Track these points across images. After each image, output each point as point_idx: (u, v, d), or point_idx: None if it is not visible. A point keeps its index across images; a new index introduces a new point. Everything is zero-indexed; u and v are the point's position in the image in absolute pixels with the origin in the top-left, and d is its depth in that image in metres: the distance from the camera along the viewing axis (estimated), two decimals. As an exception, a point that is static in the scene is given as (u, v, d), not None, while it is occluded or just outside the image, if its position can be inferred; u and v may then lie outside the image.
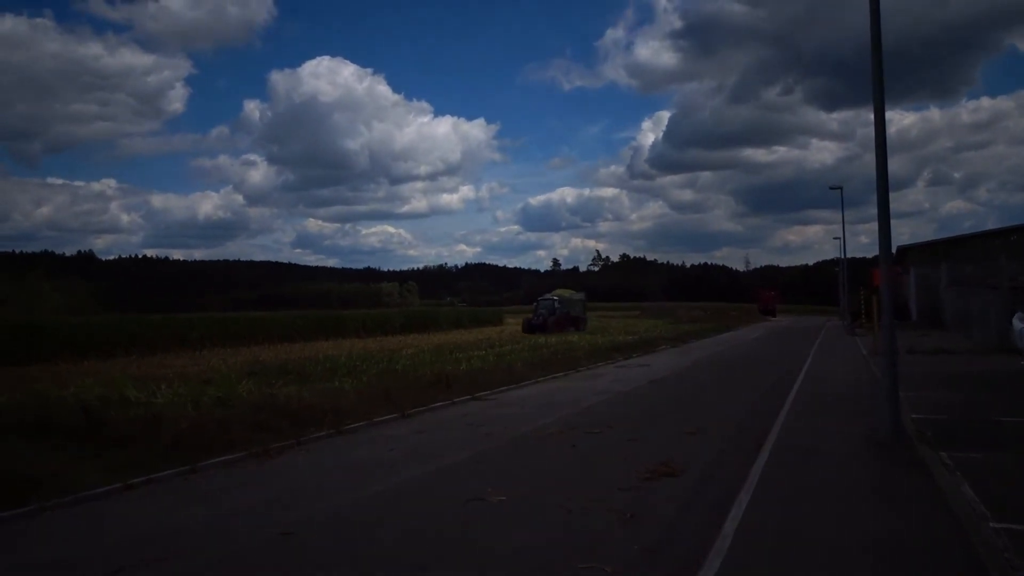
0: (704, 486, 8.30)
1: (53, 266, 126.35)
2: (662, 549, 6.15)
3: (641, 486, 8.22)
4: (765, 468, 8.95)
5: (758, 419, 12.79)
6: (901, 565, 5.74)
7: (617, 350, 29.40)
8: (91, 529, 7.20)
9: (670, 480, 8.48)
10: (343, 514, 7.51)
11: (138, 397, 12.37)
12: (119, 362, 25.47)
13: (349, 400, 13.93)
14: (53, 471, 8.56)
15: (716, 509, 7.16)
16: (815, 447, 10.35)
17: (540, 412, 14.21)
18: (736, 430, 11.99)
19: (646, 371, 22.53)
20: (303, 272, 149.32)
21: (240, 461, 9.97)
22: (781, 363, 24.91)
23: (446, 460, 9.98)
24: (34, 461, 8.84)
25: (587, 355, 26.37)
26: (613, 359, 26.79)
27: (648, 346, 33.03)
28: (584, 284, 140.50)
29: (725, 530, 6.45)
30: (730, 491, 7.81)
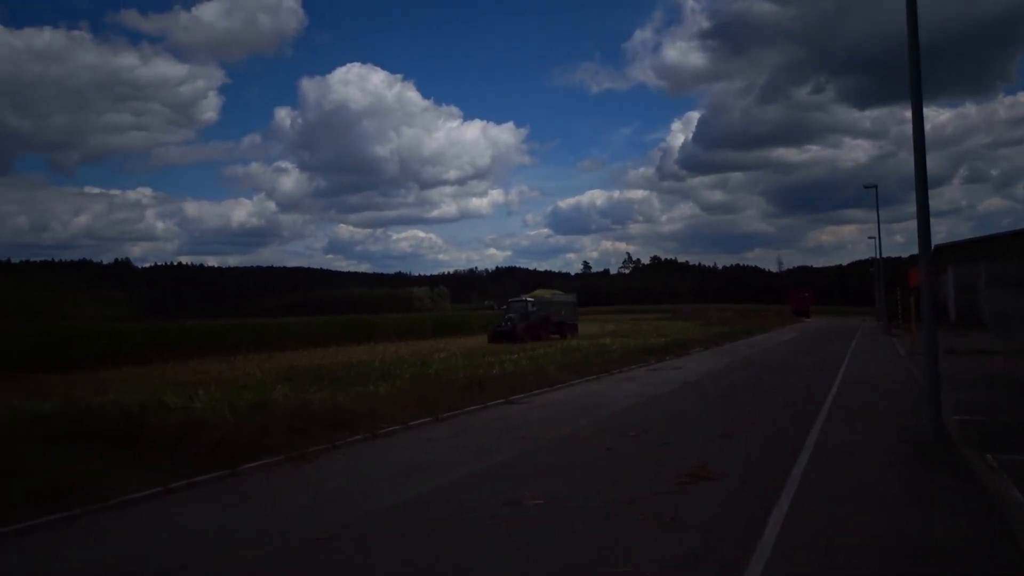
0: (743, 490, 8.18)
1: (91, 274, 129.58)
2: (702, 554, 6.06)
3: (679, 490, 8.12)
4: (805, 471, 8.80)
5: (796, 421, 12.60)
6: (947, 570, 5.61)
7: (650, 353, 29.20)
8: (133, 534, 7.28)
9: (708, 484, 8.37)
10: (380, 518, 7.52)
11: (176, 403, 12.51)
12: (156, 368, 25.85)
13: (383, 404, 13.97)
14: (95, 477, 8.68)
15: (757, 513, 7.04)
16: (856, 449, 10.17)
17: (574, 415, 14.15)
18: (774, 432, 11.83)
19: (680, 374, 22.34)
20: (335, 277, 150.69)
21: (277, 465, 10.04)
22: (817, 364, 24.57)
23: (481, 464, 9.96)
24: (77, 467, 8.96)
25: (620, 358, 26.23)
26: (646, 362, 26.60)
27: (681, 348, 32.75)
28: (615, 287, 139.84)
29: (767, 535, 6.34)
30: (770, 495, 7.68)
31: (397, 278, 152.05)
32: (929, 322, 10.75)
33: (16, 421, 11.48)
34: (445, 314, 72.11)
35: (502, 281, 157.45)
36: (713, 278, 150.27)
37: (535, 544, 6.47)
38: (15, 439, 10.29)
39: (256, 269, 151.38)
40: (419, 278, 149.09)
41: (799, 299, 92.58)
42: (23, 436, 10.43)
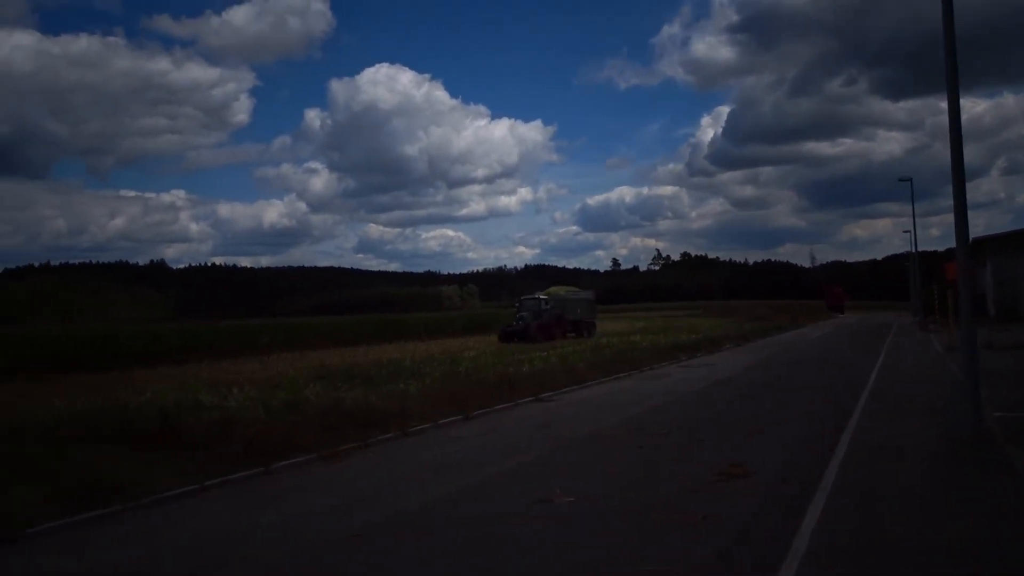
0: (777, 488, 8.08)
1: (127, 275, 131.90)
2: (736, 552, 6.01)
3: (711, 488, 8.06)
4: (841, 469, 8.67)
5: (831, 418, 12.43)
6: (988, 570, 5.49)
7: (680, 349, 28.99)
8: (170, 530, 7.40)
9: (741, 481, 8.28)
10: (411, 516, 7.55)
11: (211, 402, 12.67)
12: (191, 368, 26.22)
13: (414, 402, 14.03)
14: (133, 474, 8.83)
15: (791, 511, 6.94)
16: (893, 447, 10.01)
17: (604, 413, 14.09)
18: (808, 430, 11.68)
19: (711, 370, 22.16)
20: (365, 277, 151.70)
21: (310, 463, 10.14)
22: (852, 360, 24.23)
23: (511, 462, 9.96)
24: (117, 465, 9.14)
25: (650, 355, 26.06)
26: (676, 358, 26.43)
27: (712, 345, 32.48)
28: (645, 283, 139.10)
29: (802, 533, 6.25)
30: (805, 493, 7.57)
31: (426, 277, 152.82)
32: (967, 316, 10.53)
33: (58, 420, 11.75)
34: (474, 312, 72.25)
35: (531, 279, 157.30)
36: (744, 274, 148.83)
37: (566, 542, 6.45)
38: (58, 438, 10.53)
39: (288, 269, 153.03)
40: (448, 277, 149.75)
41: (832, 294, 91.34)
42: (65, 435, 10.67)
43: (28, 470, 9.10)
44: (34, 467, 9.23)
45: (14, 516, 7.41)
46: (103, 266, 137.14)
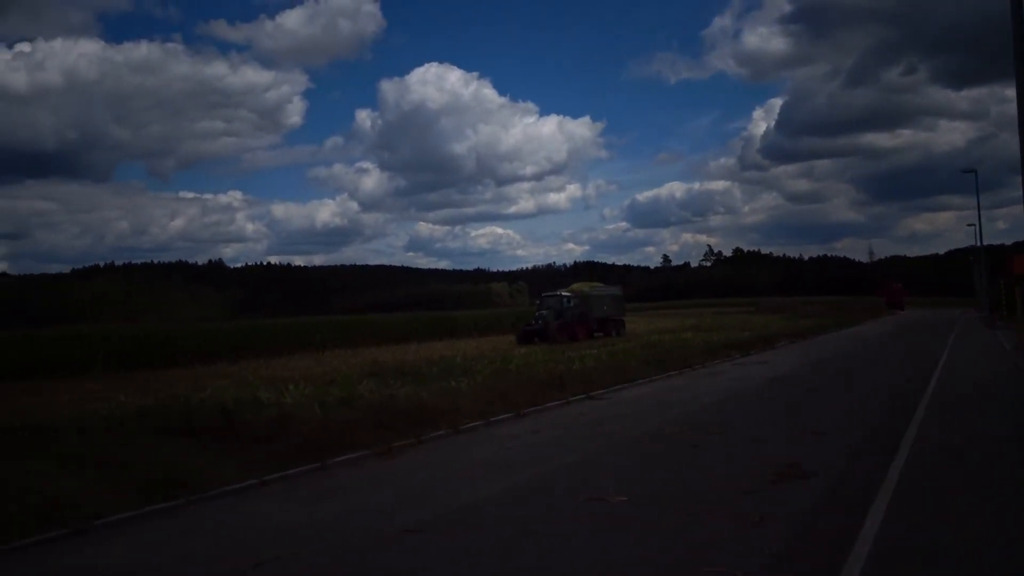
0: (837, 489, 7.92)
1: (187, 275, 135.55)
2: (795, 555, 5.90)
3: (768, 488, 7.93)
4: (903, 470, 8.45)
5: (892, 418, 12.13)
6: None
7: (734, 347, 28.58)
8: (231, 523, 7.60)
9: (799, 482, 8.14)
10: (464, 512, 7.61)
11: (269, 398, 12.95)
12: (249, 365, 26.82)
13: (465, 400, 14.13)
14: (196, 468, 9.09)
15: (852, 513, 6.79)
16: (958, 448, 9.71)
17: (657, 411, 13.99)
18: (868, 430, 11.41)
19: (766, 368, 21.80)
20: (416, 275, 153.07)
21: (364, 459, 10.28)
22: (913, 359, 23.58)
23: (563, 459, 9.96)
24: (180, 460, 9.43)
25: (702, 353, 25.76)
26: (730, 356, 26.06)
27: (766, 343, 31.95)
28: (696, 280, 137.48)
29: (863, 535, 6.11)
30: (866, 494, 7.40)
31: (476, 274, 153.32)
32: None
33: (125, 416, 12.16)
34: (524, 309, 72.19)
35: (580, 276, 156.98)
36: (799, 270, 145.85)
37: (620, 541, 6.43)
38: (125, 433, 10.91)
39: (340, 268, 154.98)
40: (498, 274, 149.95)
41: (892, 290, 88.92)
42: (132, 431, 11.05)
43: (97, 463, 9.44)
44: (102, 461, 9.57)
45: (84, 508, 7.70)
46: (164, 266, 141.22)
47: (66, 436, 11.22)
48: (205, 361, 27.75)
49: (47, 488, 8.35)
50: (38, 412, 14.42)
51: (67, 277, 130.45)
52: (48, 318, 72.49)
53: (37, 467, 9.33)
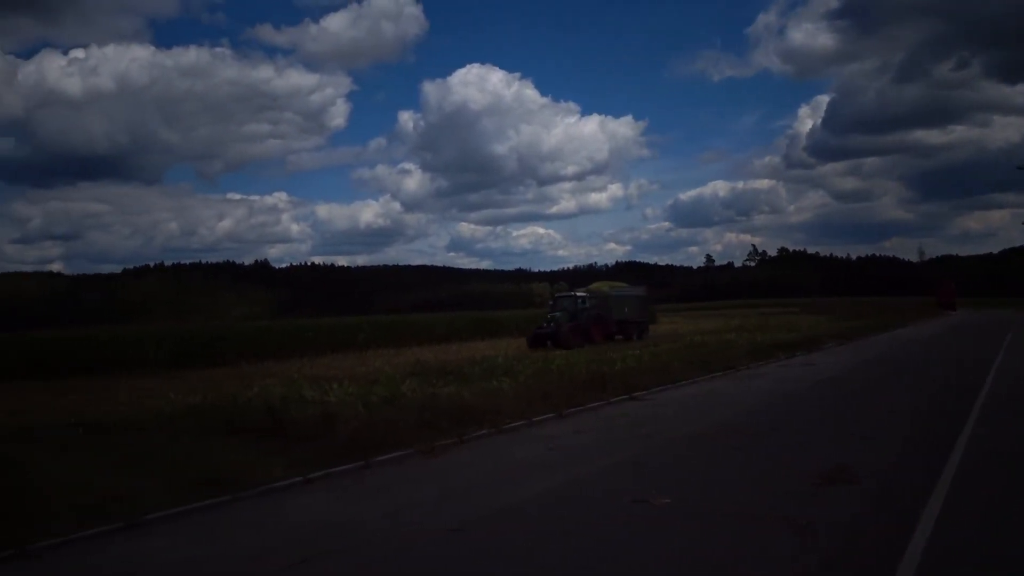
0: (887, 494, 7.76)
1: (234, 274, 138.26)
2: (843, 561, 5.80)
3: (814, 492, 7.80)
4: (956, 476, 8.23)
5: (944, 422, 11.83)
6: None
7: (779, 348, 28.14)
8: (278, 520, 7.72)
9: (847, 487, 7.98)
10: (508, 512, 7.63)
11: (314, 397, 13.17)
12: (294, 363, 27.25)
13: (507, 399, 14.16)
14: (244, 466, 9.27)
15: (902, 519, 6.64)
16: (1014, 453, 9.43)
17: (700, 413, 13.85)
18: (919, 434, 11.16)
19: (812, 370, 21.43)
20: (457, 275, 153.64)
21: (408, 458, 10.36)
22: (966, 361, 22.96)
23: (606, 461, 9.93)
24: (227, 456, 9.63)
25: (747, 354, 25.41)
26: (775, 358, 25.67)
27: (812, 344, 31.38)
28: (740, 280, 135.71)
29: (915, 542, 5.97)
30: (918, 500, 7.23)
31: (517, 274, 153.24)
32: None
33: (175, 414, 12.46)
34: (566, 309, 71.92)
35: (622, 276, 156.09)
36: (846, 269, 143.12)
37: (663, 544, 6.39)
38: (175, 430, 11.18)
39: (383, 268, 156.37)
40: (539, 274, 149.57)
41: (943, 290, 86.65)
42: (182, 428, 11.32)
43: (148, 459, 9.70)
44: (154, 457, 9.83)
45: (136, 503, 7.91)
46: (212, 266, 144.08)
47: (119, 433, 11.56)
48: (252, 360, 28.25)
49: (102, 483, 8.60)
50: (91, 409, 14.85)
51: (119, 277, 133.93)
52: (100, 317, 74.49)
53: (92, 462, 9.63)
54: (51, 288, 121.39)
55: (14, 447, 10.59)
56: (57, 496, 8.01)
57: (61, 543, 6.95)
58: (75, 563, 6.64)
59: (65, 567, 6.57)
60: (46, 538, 6.95)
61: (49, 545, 6.86)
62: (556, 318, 34.29)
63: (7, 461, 9.53)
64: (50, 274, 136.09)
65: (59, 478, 8.75)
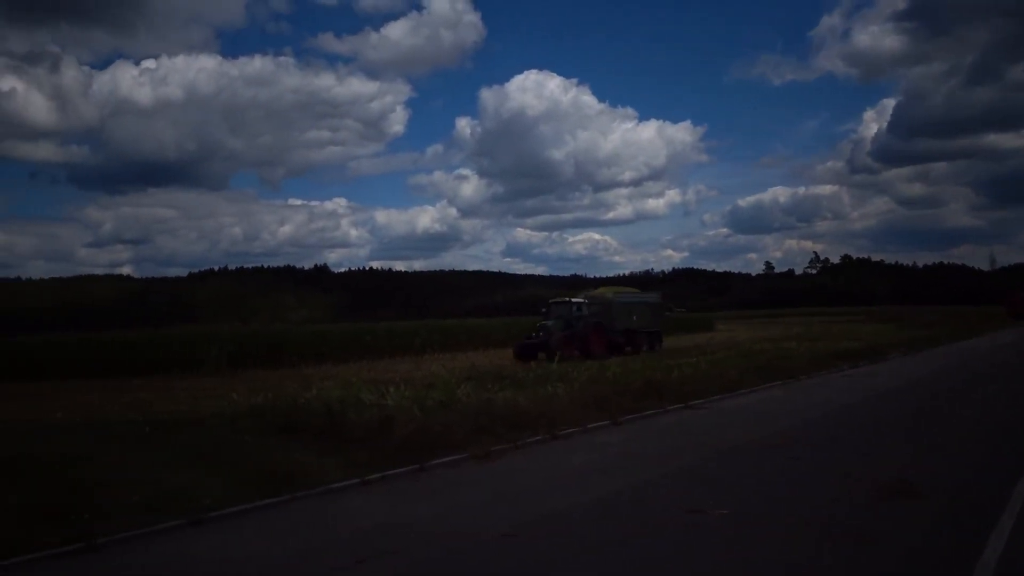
0: (953, 509, 7.50)
1: (295, 278, 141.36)
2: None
3: (876, 506, 7.58)
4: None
5: (1015, 437, 11.38)
6: None
7: (841, 358, 27.42)
8: (335, 520, 7.86)
9: (911, 501, 7.73)
10: (562, 518, 7.61)
11: (371, 399, 13.33)
12: (352, 366, 27.71)
13: (562, 406, 14.12)
14: (302, 465, 9.48)
15: (970, 536, 6.40)
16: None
17: (758, 423, 13.60)
18: (988, 448, 10.75)
19: (875, 381, 20.85)
20: (513, 280, 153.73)
21: (463, 462, 10.42)
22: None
23: (660, 469, 9.83)
24: (287, 456, 9.85)
25: (807, 363, 24.84)
26: (837, 367, 25.03)
27: (876, 354, 30.49)
28: (801, 287, 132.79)
29: (985, 561, 5.75)
30: (987, 516, 6.95)
31: (573, 280, 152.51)
32: None
33: (237, 413, 12.80)
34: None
35: (679, 282, 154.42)
36: (912, 278, 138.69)
37: (721, 557, 6.28)
38: (237, 430, 11.49)
39: (439, 273, 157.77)
40: (595, 280, 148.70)
41: (1016, 300, 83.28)
42: (243, 427, 11.62)
43: (211, 457, 9.99)
44: (215, 454, 10.13)
45: (198, 499, 8.15)
46: (273, 270, 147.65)
47: (183, 430, 11.94)
48: (311, 362, 28.82)
49: (166, 478, 8.91)
50: (157, 407, 15.38)
51: (184, 280, 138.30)
52: (167, 318, 76.96)
53: (158, 459, 9.98)
54: (121, 290, 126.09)
55: (86, 442, 11.04)
56: (124, 490, 8.32)
57: (126, 537, 7.19)
58: (139, 558, 6.86)
59: (129, 562, 6.79)
60: (112, 532, 7.21)
61: (115, 539, 7.11)
62: (548, 327, 30.53)
63: (79, 455, 9.95)
64: (120, 277, 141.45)
65: (126, 473, 9.10)
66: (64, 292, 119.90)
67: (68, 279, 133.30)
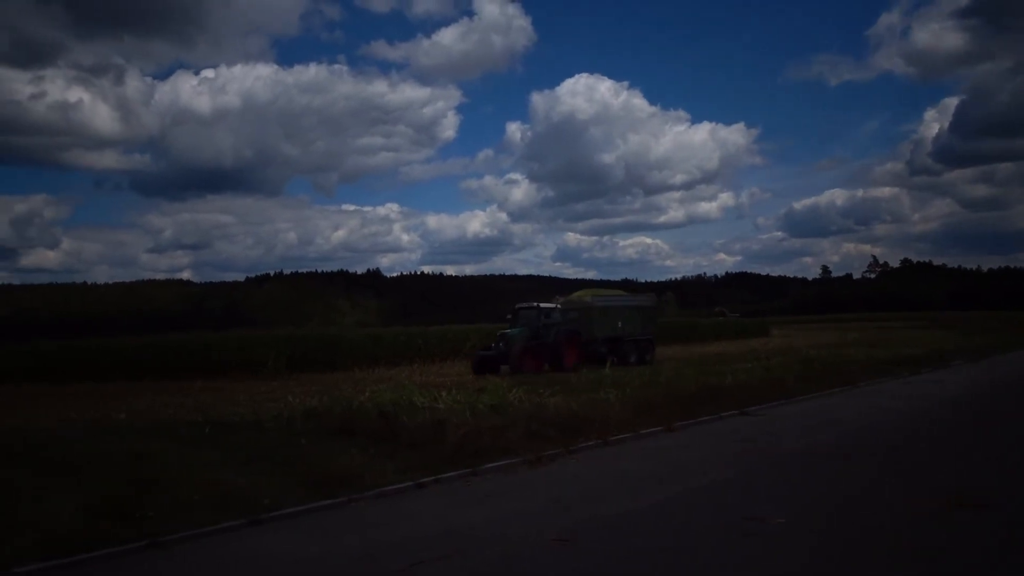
0: (1019, 521, 7.23)
1: (348, 283, 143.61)
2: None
3: (938, 518, 7.36)
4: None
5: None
6: None
7: (901, 364, 26.68)
8: (390, 523, 7.93)
9: (976, 513, 7.49)
10: (614, 525, 7.57)
11: (423, 403, 13.45)
12: (404, 370, 27.96)
13: (614, 411, 14.04)
14: (357, 468, 9.62)
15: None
16: None
17: (816, 430, 13.31)
18: (1060, 460, 10.34)
19: (937, 388, 20.22)
20: (564, 284, 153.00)
21: (515, 466, 10.45)
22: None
23: (715, 476, 9.70)
24: (342, 458, 10.01)
25: (865, 369, 24.23)
26: (896, 374, 24.35)
27: (938, 361, 29.58)
28: (858, 292, 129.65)
29: (1057, 576, 5.57)
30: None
31: (623, 285, 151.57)
32: None
33: (293, 416, 13.04)
34: (672, 321, 70.78)
35: (732, 287, 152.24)
36: (976, 282, 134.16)
37: (779, 566, 6.18)
38: (293, 432, 11.70)
39: (489, 277, 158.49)
40: (646, 284, 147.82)
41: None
42: (299, 429, 11.83)
43: (268, 458, 10.20)
44: (273, 455, 10.33)
45: (257, 499, 8.33)
46: (327, 275, 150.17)
47: (242, 432, 12.20)
48: (364, 365, 29.17)
49: (226, 479, 9.13)
50: (215, 408, 15.74)
51: (242, 285, 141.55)
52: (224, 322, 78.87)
53: (218, 459, 10.22)
54: (181, 295, 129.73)
55: (150, 442, 11.37)
56: (187, 489, 8.55)
57: (190, 535, 7.39)
58: (202, 556, 7.05)
59: (193, 559, 6.98)
60: (177, 529, 7.42)
61: (179, 537, 7.32)
62: (510, 336, 25.92)
63: (144, 455, 10.25)
64: (180, 282, 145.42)
65: (189, 473, 9.34)
66: (127, 296, 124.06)
67: (131, 284, 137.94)
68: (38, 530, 7.28)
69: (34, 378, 26.28)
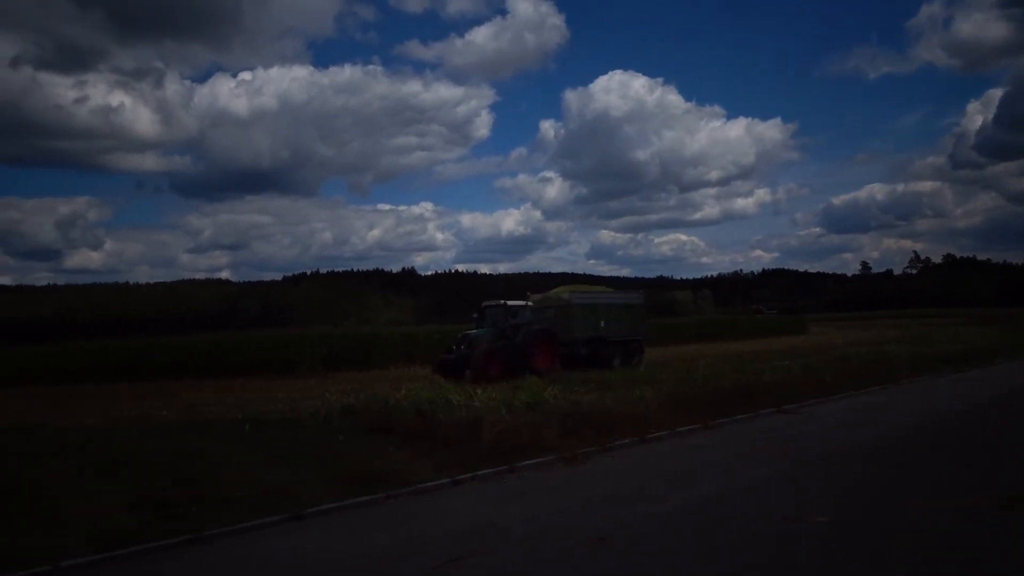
0: (1075, 524, 7.04)
1: (383, 281, 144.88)
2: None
3: (989, 518, 7.17)
4: None
5: None
6: None
7: (944, 362, 26.09)
8: (428, 519, 7.97)
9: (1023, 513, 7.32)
10: (652, 524, 7.52)
11: (459, 400, 13.50)
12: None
13: (650, 409, 13.94)
14: (394, 465, 9.69)
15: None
16: None
17: (856, 428, 13.10)
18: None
19: (982, 387, 19.75)
20: (598, 282, 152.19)
21: (551, 464, 10.43)
22: None
23: (753, 474, 9.59)
24: (379, 455, 10.09)
25: (907, 367, 23.73)
26: (940, 372, 23.83)
27: (983, 358, 28.85)
28: (899, 288, 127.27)
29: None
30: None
31: (658, 282, 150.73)
32: None
33: (330, 413, 13.17)
34: (708, 318, 70.18)
35: (769, 283, 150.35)
36: (1022, 278, 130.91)
37: (824, 566, 6.08)
38: (331, 429, 11.83)
39: (524, 275, 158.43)
40: (681, 282, 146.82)
41: None
42: (337, 427, 11.96)
43: (307, 455, 10.32)
44: (312, 452, 10.45)
45: (297, 496, 8.44)
46: (363, 274, 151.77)
47: (280, 429, 12.37)
48: (400, 363, 29.37)
49: (266, 475, 9.26)
50: (254, 406, 15.96)
51: (279, 284, 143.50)
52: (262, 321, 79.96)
53: (258, 456, 10.37)
54: (220, 294, 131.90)
55: (191, 440, 11.58)
56: (228, 486, 8.69)
57: (232, 530, 7.51)
58: (243, 551, 7.15)
59: (234, 554, 7.08)
60: (219, 525, 7.54)
61: (221, 532, 7.44)
62: (474, 337, 22.90)
63: (186, 452, 10.44)
64: (219, 281, 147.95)
65: (230, 469, 9.49)
66: (168, 296, 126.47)
67: (171, 284, 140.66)
68: (85, 525, 7.46)
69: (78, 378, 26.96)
